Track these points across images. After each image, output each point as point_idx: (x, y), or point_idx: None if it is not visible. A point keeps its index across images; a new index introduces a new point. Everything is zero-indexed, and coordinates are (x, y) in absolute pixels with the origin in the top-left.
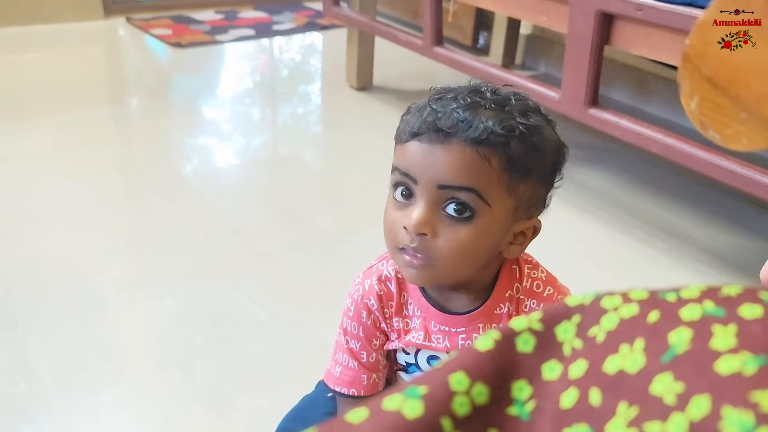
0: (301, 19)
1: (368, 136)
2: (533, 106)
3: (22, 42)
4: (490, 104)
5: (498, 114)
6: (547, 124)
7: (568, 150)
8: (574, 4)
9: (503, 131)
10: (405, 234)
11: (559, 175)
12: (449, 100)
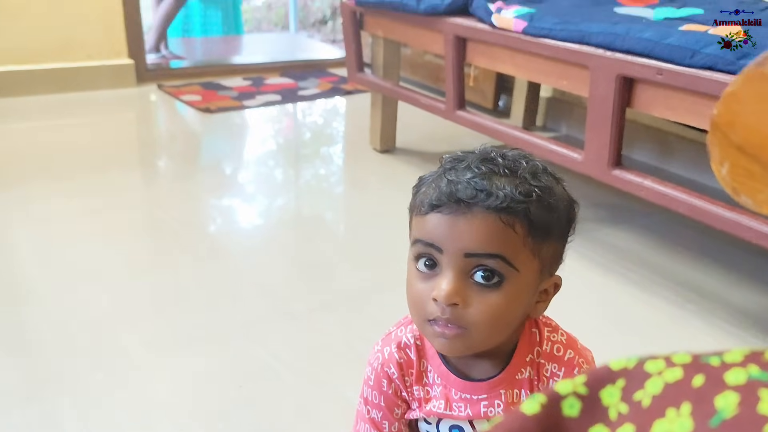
0: (326, 84)
1: (392, 198)
2: (541, 167)
3: (60, 108)
4: (504, 170)
5: (513, 180)
6: (556, 183)
7: (578, 205)
8: (594, 68)
9: (522, 197)
10: (435, 305)
11: (573, 230)
12: (463, 170)
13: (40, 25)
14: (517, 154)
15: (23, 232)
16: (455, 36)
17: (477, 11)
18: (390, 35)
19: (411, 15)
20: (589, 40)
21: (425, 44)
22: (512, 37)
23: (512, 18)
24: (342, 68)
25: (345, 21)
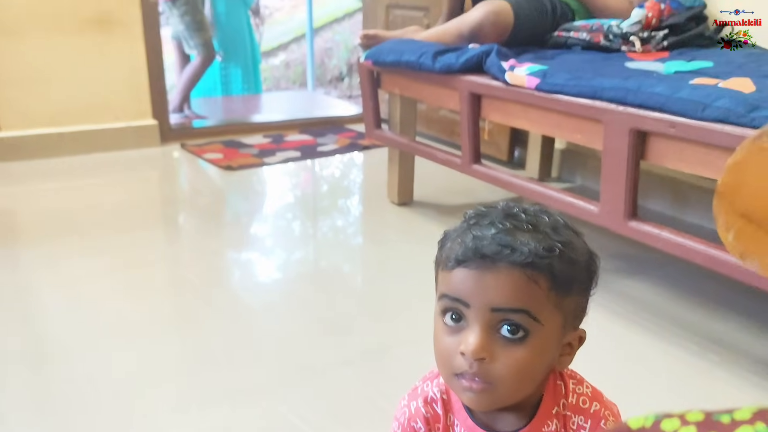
0: (344, 140)
1: (410, 250)
2: (562, 222)
3: (87, 168)
4: (526, 226)
5: (535, 235)
6: (576, 237)
7: (599, 258)
8: (608, 122)
9: (545, 252)
10: (462, 359)
11: (595, 283)
12: (487, 225)
13: (68, 89)
14: (537, 209)
15: (50, 290)
16: (470, 93)
17: (491, 69)
18: (406, 93)
19: (427, 74)
20: (602, 95)
21: (441, 101)
22: (526, 93)
23: (525, 75)
24: (359, 124)
25: (363, 80)
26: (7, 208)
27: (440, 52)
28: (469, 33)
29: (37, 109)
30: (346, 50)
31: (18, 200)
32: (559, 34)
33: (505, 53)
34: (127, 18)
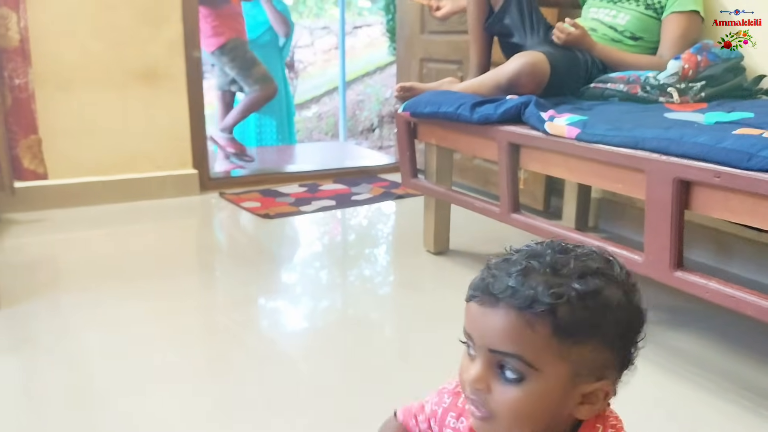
0: (378, 189)
1: (447, 299)
2: (596, 267)
3: (129, 216)
4: (546, 269)
5: (550, 279)
6: (609, 285)
7: (642, 311)
8: (650, 172)
9: (550, 298)
10: (467, 386)
11: (637, 338)
12: (508, 262)
13: (114, 140)
14: (585, 252)
15: (92, 335)
16: (509, 143)
17: (530, 119)
18: (444, 143)
19: (465, 124)
20: (644, 145)
21: (478, 151)
22: (566, 143)
23: (565, 125)
24: (392, 173)
25: (400, 131)
26: (52, 255)
27: (478, 103)
28: (506, 84)
29: (83, 158)
30: (378, 102)
31: (62, 247)
32: (596, 86)
33: (544, 104)
34: (172, 72)
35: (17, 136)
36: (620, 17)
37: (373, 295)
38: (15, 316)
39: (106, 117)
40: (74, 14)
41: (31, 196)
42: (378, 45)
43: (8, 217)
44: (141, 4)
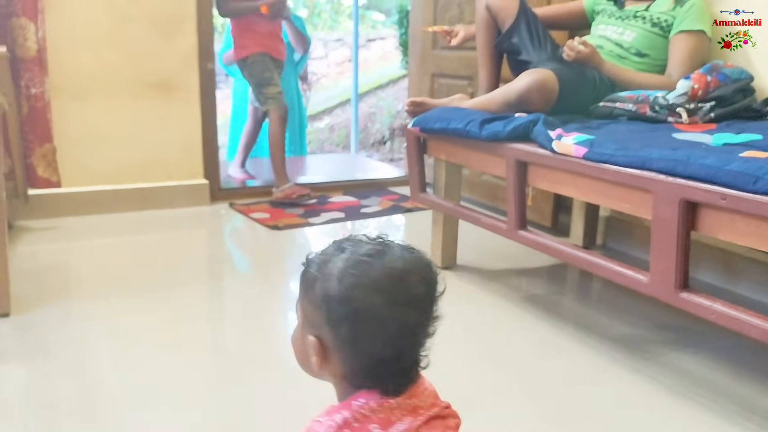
0: (387, 202)
1: (455, 314)
2: (331, 251)
3: (140, 224)
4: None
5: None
6: (334, 266)
7: (349, 301)
8: (657, 193)
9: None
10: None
11: (324, 308)
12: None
13: (127, 149)
14: (357, 238)
15: (102, 344)
16: (517, 160)
17: (538, 138)
18: (453, 159)
19: (474, 141)
20: (651, 166)
21: (487, 167)
22: (573, 162)
23: (573, 144)
24: (401, 187)
25: (410, 146)
26: (64, 262)
27: (487, 120)
28: (516, 101)
29: (96, 166)
30: (389, 115)
31: (74, 254)
32: (605, 105)
33: (552, 122)
34: (186, 83)
35: (32, 145)
36: (626, 34)
37: None
38: (26, 323)
39: (120, 126)
40: (91, 25)
41: (45, 204)
42: (391, 58)
43: (22, 224)
44: (157, 17)
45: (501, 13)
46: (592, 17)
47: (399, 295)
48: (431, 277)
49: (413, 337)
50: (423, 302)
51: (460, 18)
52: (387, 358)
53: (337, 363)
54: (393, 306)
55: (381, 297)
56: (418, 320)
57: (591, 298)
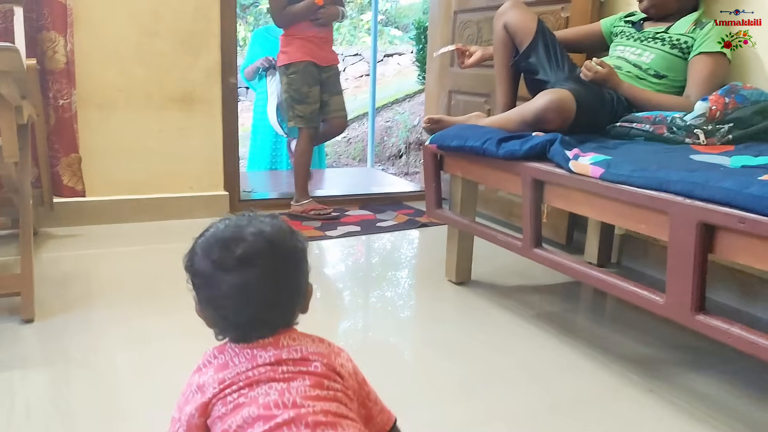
0: (402, 217)
1: (468, 329)
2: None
3: (161, 234)
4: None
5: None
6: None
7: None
8: (674, 215)
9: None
10: None
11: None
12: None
13: (150, 160)
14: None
15: (123, 352)
16: (533, 179)
17: (555, 157)
18: (469, 176)
19: (490, 159)
20: (668, 188)
21: (503, 185)
22: (590, 182)
23: (589, 164)
24: (417, 201)
25: (426, 162)
26: (86, 269)
27: (504, 139)
28: (533, 120)
29: (119, 176)
30: (405, 129)
31: (96, 262)
32: (622, 125)
33: (569, 142)
34: (208, 96)
35: (59, 154)
36: (645, 56)
37: (392, 323)
38: (49, 329)
39: (144, 138)
40: (119, 40)
41: (69, 212)
42: (407, 73)
43: (46, 231)
44: (183, 32)
45: (519, 33)
46: (610, 39)
47: (225, 260)
48: (277, 239)
49: (249, 295)
50: (256, 265)
51: (478, 36)
52: (226, 313)
53: (204, 318)
54: (220, 269)
55: (208, 261)
56: (249, 281)
57: (605, 317)
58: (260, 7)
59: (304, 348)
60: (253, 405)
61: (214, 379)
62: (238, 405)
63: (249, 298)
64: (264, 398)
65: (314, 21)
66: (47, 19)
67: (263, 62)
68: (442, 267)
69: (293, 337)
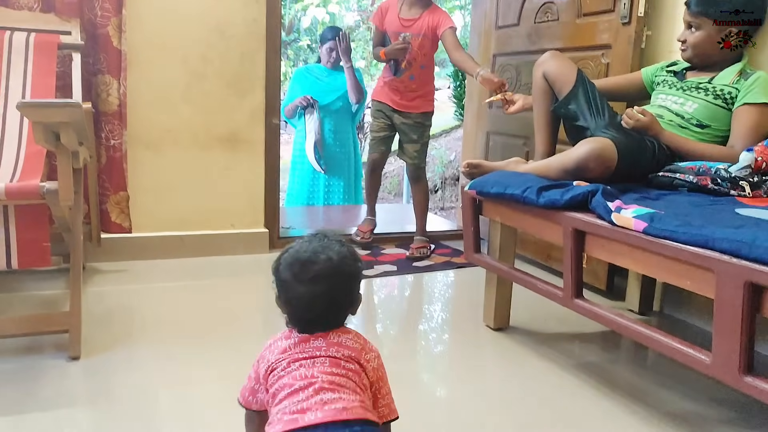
0: (439, 257)
1: (506, 378)
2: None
3: (202, 270)
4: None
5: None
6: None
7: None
8: (720, 273)
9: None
10: None
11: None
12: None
13: (194, 197)
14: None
15: (165, 393)
16: (574, 229)
17: (596, 208)
18: (508, 222)
19: (530, 206)
20: (714, 245)
21: (543, 233)
22: (633, 235)
23: (632, 217)
24: (453, 241)
25: (465, 207)
26: (131, 305)
27: (545, 187)
28: (573, 169)
29: (164, 214)
30: (441, 165)
31: (139, 297)
32: (665, 175)
33: (611, 193)
34: (252, 137)
35: (108, 192)
36: (688, 105)
37: (428, 367)
38: (94, 367)
39: (189, 176)
40: (169, 83)
41: (115, 248)
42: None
43: (93, 266)
44: (229, 75)
45: (558, 81)
46: (651, 88)
47: (301, 276)
48: (341, 265)
49: (314, 302)
50: (323, 284)
51: (517, 79)
52: (295, 311)
53: (280, 308)
54: (296, 281)
55: (289, 273)
56: (316, 294)
57: (647, 368)
58: (301, 43)
59: (343, 341)
60: (287, 377)
61: (275, 355)
62: (281, 376)
63: (313, 306)
64: (295, 372)
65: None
66: (103, 64)
67: (302, 101)
68: (479, 311)
69: (341, 332)
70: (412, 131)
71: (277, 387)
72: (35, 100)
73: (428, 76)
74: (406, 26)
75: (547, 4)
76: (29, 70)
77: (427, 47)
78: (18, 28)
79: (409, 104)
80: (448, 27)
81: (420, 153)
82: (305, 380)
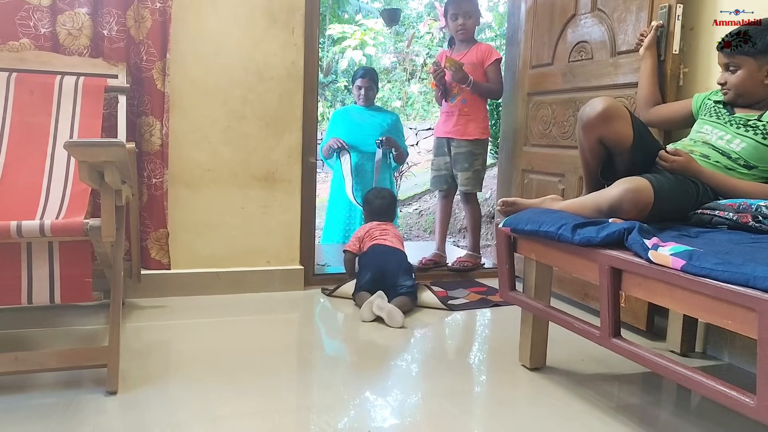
0: (474, 295)
1: (543, 421)
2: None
3: (238, 306)
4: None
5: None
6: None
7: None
8: (763, 312)
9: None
10: None
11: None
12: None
13: (231, 235)
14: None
15: (199, 427)
16: (611, 267)
17: (633, 246)
18: (543, 260)
19: (565, 244)
20: (755, 284)
21: (579, 271)
22: (671, 273)
23: (669, 255)
24: (489, 278)
25: (500, 244)
26: (167, 341)
27: (580, 224)
28: (607, 209)
29: (202, 251)
30: None
31: (177, 333)
32: (704, 212)
33: (648, 230)
34: (289, 175)
35: (149, 229)
36: (735, 143)
37: (462, 407)
38: (130, 402)
39: (227, 214)
40: (210, 123)
41: (154, 284)
42: None
43: (132, 301)
44: (268, 116)
45: (615, 147)
46: (698, 114)
47: (375, 198)
48: (388, 196)
49: (380, 209)
50: (383, 200)
51: (553, 117)
52: (373, 211)
53: (364, 212)
54: (375, 199)
55: (372, 195)
56: (381, 206)
57: (690, 412)
58: (338, 84)
59: (389, 226)
60: (369, 237)
61: (364, 231)
62: (369, 234)
63: (379, 211)
64: (374, 234)
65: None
66: (147, 106)
67: (334, 142)
68: (515, 350)
69: (389, 224)
70: (465, 160)
71: (367, 238)
72: (81, 139)
73: (480, 102)
74: (458, 59)
75: (581, 44)
76: (77, 112)
77: (477, 75)
78: (68, 72)
79: (463, 130)
80: (494, 59)
81: (470, 180)
82: (378, 233)
